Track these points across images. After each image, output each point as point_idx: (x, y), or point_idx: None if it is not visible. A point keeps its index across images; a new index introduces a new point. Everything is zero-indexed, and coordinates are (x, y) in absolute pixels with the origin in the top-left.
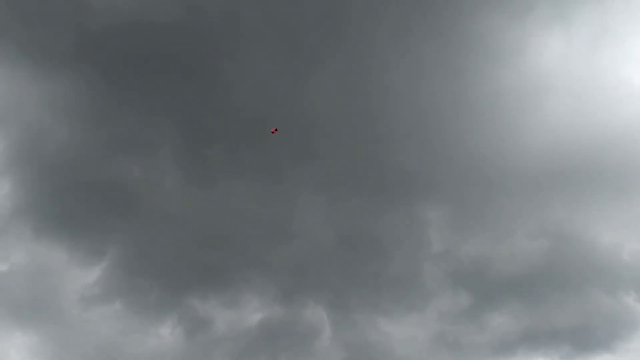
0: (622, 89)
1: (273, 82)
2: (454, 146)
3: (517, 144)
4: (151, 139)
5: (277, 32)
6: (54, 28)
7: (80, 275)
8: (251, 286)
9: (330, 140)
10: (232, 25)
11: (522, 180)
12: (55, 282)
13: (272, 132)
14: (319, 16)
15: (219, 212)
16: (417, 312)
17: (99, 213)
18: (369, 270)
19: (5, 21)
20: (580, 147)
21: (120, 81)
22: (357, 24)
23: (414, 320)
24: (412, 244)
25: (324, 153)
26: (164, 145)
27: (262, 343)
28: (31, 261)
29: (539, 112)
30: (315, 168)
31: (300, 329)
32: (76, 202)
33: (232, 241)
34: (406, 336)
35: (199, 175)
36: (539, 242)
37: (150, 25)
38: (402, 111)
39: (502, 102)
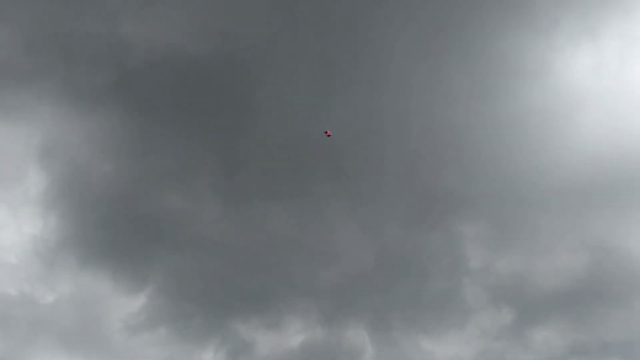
0: None
1: (305, 107)
2: (487, 163)
3: (550, 159)
4: (189, 168)
5: (307, 59)
6: (94, 65)
7: (125, 303)
8: (292, 308)
9: (364, 162)
10: (263, 55)
11: (557, 194)
12: (101, 311)
13: (327, 135)
14: (348, 41)
15: (258, 237)
16: (459, 330)
17: (142, 242)
18: (409, 289)
19: (48, 60)
20: (615, 160)
21: (157, 114)
22: (385, 47)
23: (456, 337)
24: (451, 261)
25: (359, 175)
26: (203, 174)
27: None
28: (77, 291)
29: (571, 127)
30: (351, 190)
31: (342, 350)
32: (119, 232)
33: (272, 265)
34: (449, 354)
35: (237, 202)
36: (579, 256)
37: (185, 58)
38: (434, 130)
39: (533, 118)
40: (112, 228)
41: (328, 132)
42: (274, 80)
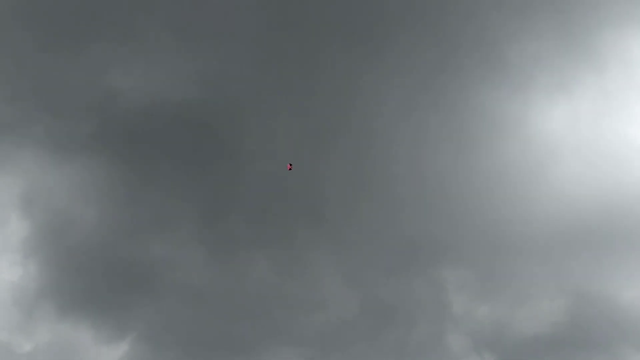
0: (627, 150)
1: (289, 155)
2: (469, 212)
3: (528, 209)
4: (172, 216)
5: (292, 108)
6: (77, 113)
7: (106, 352)
8: (276, 357)
9: (348, 210)
10: (248, 104)
11: (537, 242)
12: None
13: (289, 169)
14: (336, 93)
15: (241, 285)
16: None
17: (123, 290)
18: (394, 336)
19: (30, 108)
20: (591, 208)
21: (140, 162)
22: (372, 100)
23: None
24: (435, 309)
25: (343, 223)
26: (185, 221)
27: None
28: (56, 340)
29: (548, 177)
30: (334, 238)
31: None
32: (101, 280)
33: (255, 313)
34: None
35: (220, 249)
36: (559, 302)
37: (168, 106)
38: (418, 180)
39: (511, 170)
40: (93, 276)
41: (289, 165)
42: (258, 129)
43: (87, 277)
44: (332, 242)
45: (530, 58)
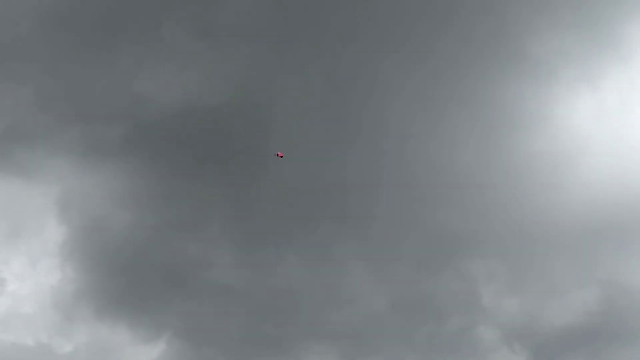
0: None
1: (314, 153)
2: (495, 205)
3: (557, 201)
4: (204, 215)
5: (316, 108)
6: (109, 119)
7: (143, 351)
8: (310, 352)
9: (374, 206)
10: (273, 105)
11: (564, 234)
12: None
13: (279, 156)
14: (356, 91)
15: (272, 282)
16: None
17: (158, 290)
18: (423, 330)
19: (64, 115)
20: (619, 199)
21: (172, 164)
22: (392, 96)
23: None
24: (464, 302)
25: (369, 219)
26: (216, 221)
27: None
28: (94, 340)
29: (574, 170)
30: (362, 234)
31: None
32: (136, 281)
33: (287, 308)
34: None
35: (250, 247)
36: (589, 292)
37: (197, 109)
38: (441, 174)
39: (538, 163)
40: (128, 277)
41: (279, 153)
42: (283, 129)
43: (123, 279)
44: (359, 238)
45: (554, 51)
